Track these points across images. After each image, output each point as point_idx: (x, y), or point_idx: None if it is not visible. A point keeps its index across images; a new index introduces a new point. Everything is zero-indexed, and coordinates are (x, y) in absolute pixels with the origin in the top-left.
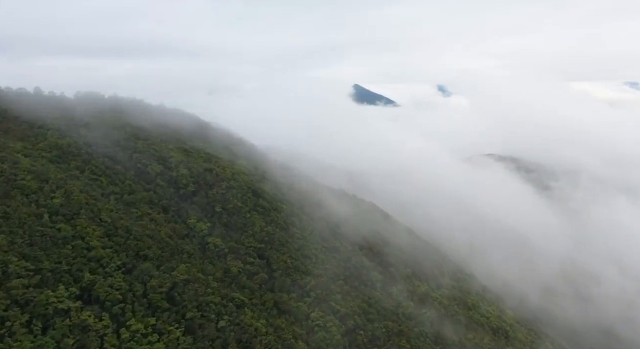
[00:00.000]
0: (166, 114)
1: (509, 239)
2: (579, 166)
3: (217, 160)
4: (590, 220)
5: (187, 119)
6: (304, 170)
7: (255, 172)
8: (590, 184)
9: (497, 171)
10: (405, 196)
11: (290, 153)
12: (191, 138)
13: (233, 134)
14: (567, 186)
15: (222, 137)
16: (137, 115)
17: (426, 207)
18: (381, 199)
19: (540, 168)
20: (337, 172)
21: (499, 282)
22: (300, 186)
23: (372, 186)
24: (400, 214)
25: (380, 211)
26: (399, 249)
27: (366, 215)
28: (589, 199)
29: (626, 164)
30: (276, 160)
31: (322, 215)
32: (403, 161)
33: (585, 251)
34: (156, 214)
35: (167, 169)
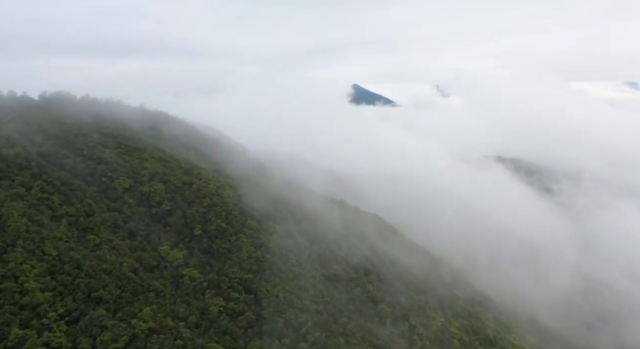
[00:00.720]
0: (146, 118)
1: (514, 246)
2: (581, 168)
3: (199, 171)
4: (596, 225)
5: (170, 122)
6: (301, 177)
7: (244, 184)
8: (593, 187)
9: (498, 174)
10: (405, 200)
11: (286, 158)
12: (172, 145)
13: (223, 139)
14: (570, 189)
15: (210, 143)
16: (110, 119)
17: (426, 212)
18: (380, 205)
19: (541, 170)
20: (335, 178)
21: (507, 295)
22: (296, 199)
23: (370, 191)
24: (399, 220)
25: (383, 224)
26: (408, 271)
27: (370, 230)
28: (592, 202)
29: (628, 166)
30: (270, 168)
31: (321, 233)
32: (401, 163)
33: (594, 259)
34: (120, 240)
35: (138, 183)
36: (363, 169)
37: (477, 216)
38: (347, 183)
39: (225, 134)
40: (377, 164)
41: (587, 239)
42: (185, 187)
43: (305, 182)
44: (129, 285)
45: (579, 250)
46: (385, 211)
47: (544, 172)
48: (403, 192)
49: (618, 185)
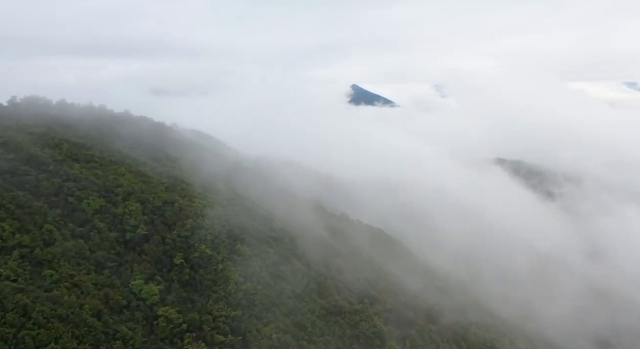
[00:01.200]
0: (129, 125)
1: (519, 255)
2: (581, 170)
3: (183, 187)
4: (601, 232)
5: (155, 130)
6: (297, 186)
7: (234, 201)
8: (595, 190)
9: (498, 177)
10: (404, 207)
11: (281, 164)
12: (155, 156)
13: (215, 148)
14: (572, 192)
15: (199, 153)
16: (87, 127)
17: (426, 219)
18: (379, 212)
19: (542, 172)
20: (333, 185)
21: (516, 311)
22: (293, 214)
23: (369, 197)
24: (400, 228)
25: (387, 239)
26: (417, 295)
27: (373, 248)
28: (595, 207)
29: (630, 167)
30: (266, 178)
31: (321, 255)
32: (400, 167)
33: (602, 268)
34: (84, 274)
35: (110, 203)
36: (362, 174)
37: (479, 223)
38: (345, 190)
39: (219, 141)
40: (376, 168)
41: (593, 246)
42: (166, 207)
43: (302, 191)
44: (89, 334)
45: (585, 259)
46: (385, 218)
47: (544, 174)
48: (403, 198)
49: (621, 188)
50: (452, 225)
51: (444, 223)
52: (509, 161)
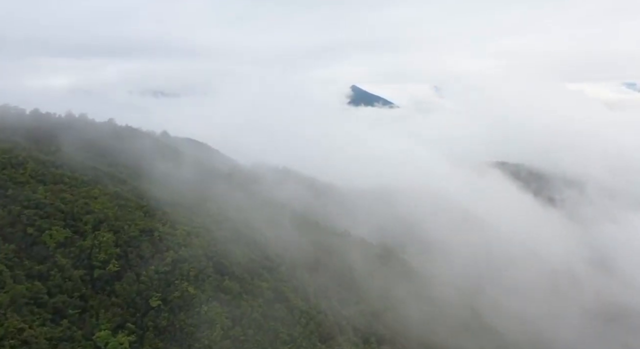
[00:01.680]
0: (110, 137)
1: (524, 267)
2: (584, 174)
3: (165, 212)
4: (606, 240)
5: (140, 141)
6: (292, 197)
7: (224, 224)
8: (599, 196)
9: (499, 183)
10: (402, 214)
11: (278, 175)
12: (135, 174)
13: (208, 159)
14: (574, 198)
15: (190, 166)
16: (60, 141)
17: (425, 227)
18: (377, 221)
19: (543, 177)
20: (330, 194)
21: (528, 328)
22: (291, 235)
23: (366, 206)
24: (398, 238)
25: (392, 257)
26: (429, 328)
27: (378, 270)
28: (599, 213)
29: (632, 171)
30: (260, 192)
31: (321, 285)
32: (398, 172)
33: (611, 281)
34: (37, 326)
35: (78, 234)
36: (362, 181)
37: (483, 231)
38: (345, 200)
39: (213, 149)
40: (376, 175)
41: (600, 255)
42: (144, 236)
43: (300, 205)
44: None
45: (593, 270)
46: (386, 228)
47: (545, 178)
48: (404, 206)
49: (624, 193)
50: (455, 235)
51: (447, 233)
52: (510, 165)
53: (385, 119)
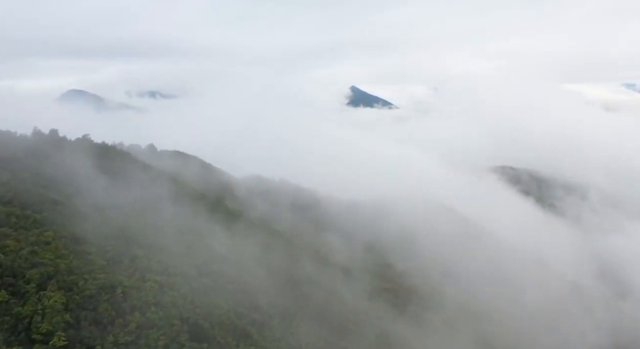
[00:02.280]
0: (82, 159)
1: (535, 281)
2: (584, 180)
3: (135, 256)
4: (613, 251)
5: (117, 162)
6: (290, 220)
7: (206, 268)
8: (601, 204)
9: (502, 189)
10: (398, 226)
11: (272, 190)
12: (105, 206)
13: (196, 179)
14: (578, 207)
15: (171, 191)
16: (20, 166)
17: (431, 240)
18: (371, 233)
19: (544, 183)
20: (328, 208)
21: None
22: (288, 273)
23: (362, 217)
24: (400, 253)
25: (404, 290)
26: None
27: (385, 309)
28: (603, 222)
29: (635, 178)
30: (251, 215)
31: (323, 345)
32: (400, 180)
33: (623, 299)
34: None
35: (17, 296)
36: (361, 191)
37: (484, 244)
38: (343, 213)
39: (203, 162)
40: (375, 183)
41: (609, 270)
42: (104, 295)
43: (295, 230)
44: None
45: (603, 286)
46: (387, 243)
47: (545, 184)
48: (395, 215)
49: (628, 201)
50: (458, 249)
51: (449, 247)
52: (510, 169)
53: (384, 120)
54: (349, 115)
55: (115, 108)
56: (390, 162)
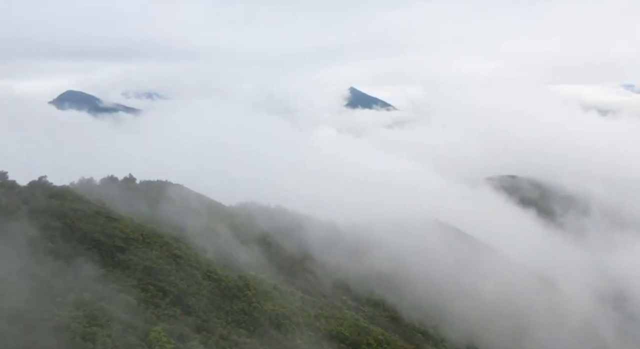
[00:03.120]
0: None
1: (548, 307)
2: (583, 190)
3: None
4: (623, 269)
5: (67, 204)
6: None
7: None
8: (602, 215)
9: (500, 201)
10: (414, 248)
11: (268, 220)
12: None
13: (183, 217)
14: (580, 221)
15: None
16: None
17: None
18: (378, 259)
19: (544, 193)
20: (331, 238)
21: None
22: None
23: (373, 242)
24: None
25: None
26: None
27: None
28: (609, 239)
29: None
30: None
31: None
32: (400, 196)
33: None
34: None
35: None
36: (363, 213)
37: (489, 264)
38: (347, 240)
39: (191, 193)
40: (358, 199)
41: (616, 289)
42: None
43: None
44: None
45: (610, 306)
46: (388, 274)
47: (546, 192)
48: (386, 238)
49: (632, 215)
50: (461, 272)
51: (451, 270)
52: (509, 179)
53: (381, 122)
54: (346, 116)
55: (111, 109)
56: (382, 174)
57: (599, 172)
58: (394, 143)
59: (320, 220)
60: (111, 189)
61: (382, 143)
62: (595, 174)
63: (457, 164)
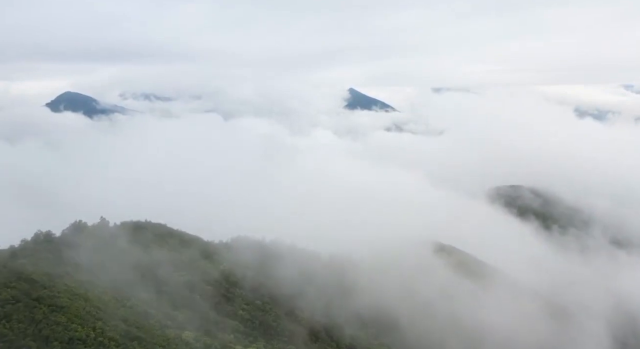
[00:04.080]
0: None
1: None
2: (586, 205)
3: None
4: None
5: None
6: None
7: None
8: (605, 234)
9: (499, 217)
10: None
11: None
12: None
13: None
14: (581, 235)
15: None
16: None
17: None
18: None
19: (546, 206)
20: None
21: None
22: None
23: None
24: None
25: None
26: None
27: None
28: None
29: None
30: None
31: None
32: (381, 209)
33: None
34: None
35: None
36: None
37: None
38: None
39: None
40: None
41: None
42: None
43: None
44: None
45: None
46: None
47: (548, 205)
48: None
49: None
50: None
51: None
52: (509, 190)
53: (378, 124)
54: (344, 118)
55: (107, 111)
56: (375, 188)
57: (602, 184)
58: (391, 149)
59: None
60: None
61: (379, 148)
62: (598, 186)
63: (455, 173)
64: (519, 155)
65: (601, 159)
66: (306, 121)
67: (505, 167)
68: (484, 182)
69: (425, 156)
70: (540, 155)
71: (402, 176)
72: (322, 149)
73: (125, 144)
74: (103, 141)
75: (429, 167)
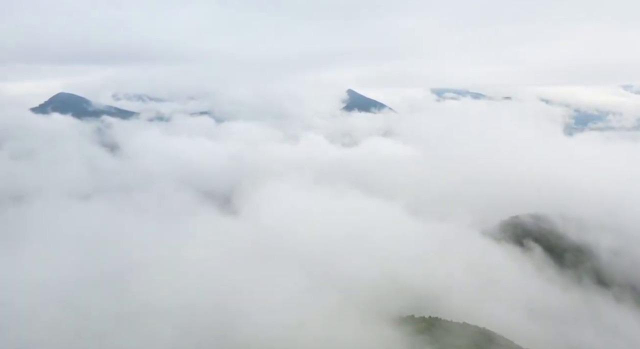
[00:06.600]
0: None
1: None
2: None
3: None
4: None
5: None
6: None
7: None
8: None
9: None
10: None
11: None
12: None
13: None
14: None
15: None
16: None
17: None
18: None
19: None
20: None
21: None
22: None
23: None
24: None
25: None
26: None
27: None
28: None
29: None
30: None
31: None
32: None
33: None
34: None
35: None
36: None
37: None
38: None
39: None
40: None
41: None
42: None
43: None
44: None
45: None
46: None
47: (552, 237)
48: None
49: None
50: None
51: None
52: (514, 221)
53: (376, 126)
54: (340, 121)
55: (99, 112)
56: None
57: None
58: (388, 155)
59: None
60: None
61: (374, 155)
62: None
63: (453, 202)
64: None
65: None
66: (301, 123)
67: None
68: (477, 210)
69: (421, 167)
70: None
71: (390, 210)
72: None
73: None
74: (82, 146)
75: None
